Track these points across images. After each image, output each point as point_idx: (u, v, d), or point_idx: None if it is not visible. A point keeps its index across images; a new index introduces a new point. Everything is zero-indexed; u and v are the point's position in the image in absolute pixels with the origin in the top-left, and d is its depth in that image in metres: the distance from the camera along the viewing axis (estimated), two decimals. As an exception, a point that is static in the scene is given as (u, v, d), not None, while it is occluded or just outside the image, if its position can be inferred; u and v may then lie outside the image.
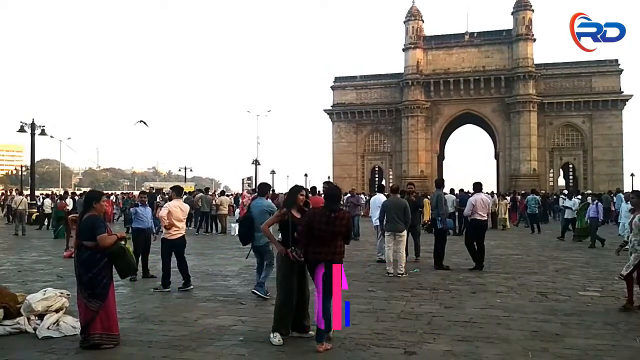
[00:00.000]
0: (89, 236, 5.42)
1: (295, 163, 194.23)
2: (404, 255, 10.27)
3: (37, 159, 28.33)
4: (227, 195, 25.34)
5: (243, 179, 53.91)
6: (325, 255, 5.40)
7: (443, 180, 12.54)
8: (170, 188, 10.29)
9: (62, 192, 29.06)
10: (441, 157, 59.89)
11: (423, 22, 54.49)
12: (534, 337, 5.86)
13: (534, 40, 50.53)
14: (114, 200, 32.27)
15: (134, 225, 10.02)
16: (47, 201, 24.11)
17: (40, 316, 6.11)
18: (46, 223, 22.67)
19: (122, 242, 5.57)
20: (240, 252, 12.97)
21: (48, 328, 5.89)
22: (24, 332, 5.91)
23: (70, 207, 19.63)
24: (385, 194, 13.34)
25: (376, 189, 14.46)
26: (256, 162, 52.03)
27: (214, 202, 20.81)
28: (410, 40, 53.36)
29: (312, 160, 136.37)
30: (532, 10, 50.80)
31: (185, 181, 66.97)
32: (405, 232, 10.23)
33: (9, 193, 35.49)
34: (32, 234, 20.33)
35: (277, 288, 5.86)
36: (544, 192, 37.15)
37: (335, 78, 59.85)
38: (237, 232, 19.37)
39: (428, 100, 53.80)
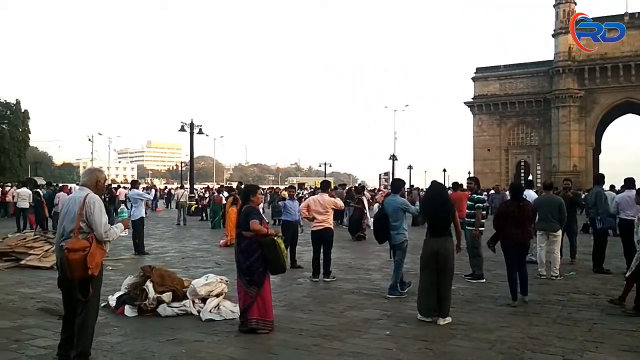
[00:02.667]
0: (246, 226, 5.80)
1: (433, 158, 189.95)
2: (559, 256, 9.55)
3: (194, 155, 30.95)
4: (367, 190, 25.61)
5: (380, 175, 54.06)
6: (518, 236, 7.28)
7: (603, 176, 11.41)
8: (320, 183, 10.65)
9: (217, 187, 31.53)
10: (597, 150, 54.68)
11: (575, 4, 50.14)
12: None
13: None
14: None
15: (283, 218, 10.56)
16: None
17: (203, 300, 6.66)
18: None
19: (275, 238, 5.82)
20: (381, 247, 13.02)
21: (210, 311, 6.40)
22: (189, 314, 6.47)
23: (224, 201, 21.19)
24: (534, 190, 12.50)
25: (524, 185, 13.62)
26: (393, 158, 51.86)
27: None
28: (560, 25, 49.43)
29: (450, 155, 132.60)
30: None
31: (325, 176, 68.87)
32: (560, 232, 9.51)
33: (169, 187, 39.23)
34: (192, 224, 22.31)
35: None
36: None
37: (477, 69, 57.52)
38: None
39: (582, 88, 49.48)
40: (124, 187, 25.95)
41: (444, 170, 60.70)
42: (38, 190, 18.60)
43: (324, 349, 5.21)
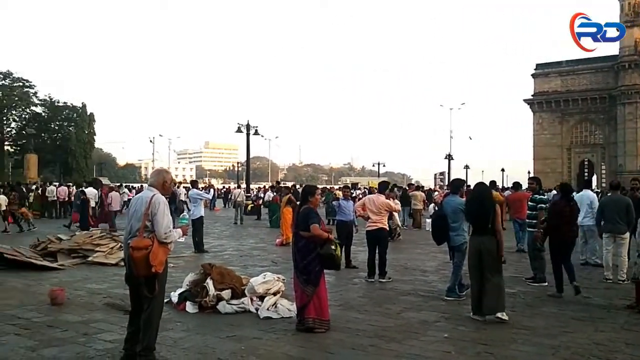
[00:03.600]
0: (305, 227, 5.86)
1: (491, 157, 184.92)
2: (626, 259, 9.11)
3: (250, 156, 31.48)
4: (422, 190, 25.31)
5: (435, 174, 53.33)
6: (569, 234, 7.82)
7: (674, 175, 10.80)
8: (379, 184, 10.61)
9: (269, 186, 31.96)
10: (669, 149, 51.73)
11: (642, -5, 47.70)
12: None
13: None
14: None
15: (338, 218, 10.59)
16: (269, 194, 26.55)
17: (261, 298, 6.77)
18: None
19: (333, 248, 5.83)
20: (437, 248, 12.83)
21: (268, 309, 6.50)
22: (248, 312, 6.60)
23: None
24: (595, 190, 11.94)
25: (583, 185, 13.07)
26: (449, 157, 50.94)
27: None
28: (626, 18, 47.07)
29: (509, 154, 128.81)
30: None
31: (378, 176, 68.63)
32: (627, 234, 9.07)
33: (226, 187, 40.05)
34: (249, 223, 22.72)
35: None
36: None
37: (537, 65, 55.65)
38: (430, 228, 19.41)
39: (650, 83, 46.90)
40: (184, 187, 26.71)
41: (502, 170, 59.11)
42: (84, 189, 19.38)
43: (381, 349, 5.19)
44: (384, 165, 70.01)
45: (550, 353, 5.12)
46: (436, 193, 25.66)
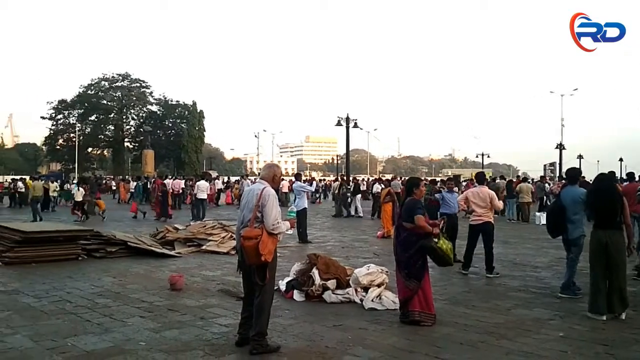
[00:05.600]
0: (408, 218, 5.82)
1: (606, 146, 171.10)
2: None
3: (349, 148, 31.66)
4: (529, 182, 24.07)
5: (545, 165, 50.49)
6: None
7: None
8: (475, 175, 10.31)
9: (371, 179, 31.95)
10: None
11: None
12: None
13: None
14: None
15: (442, 211, 10.36)
16: (377, 186, 26.57)
17: (365, 289, 6.83)
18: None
19: (436, 240, 5.75)
20: (549, 243, 12.18)
21: (372, 300, 6.55)
22: (352, 302, 6.69)
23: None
24: None
25: None
26: (560, 146, 47.91)
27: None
28: None
29: (628, 142, 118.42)
30: None
31: (482, 167, 66.14)
32: None
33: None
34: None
35: None
36: None
37: (662, 45, 50.48)
38: (541, 222, 18.38)
39: None
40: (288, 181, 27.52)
41: (621, 160, 54.66)
42: (164, 182, 20.70)
43: (490, 346, 5.04)
44: (488, 156, 67.25)
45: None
46: (551, 184, 24.23)
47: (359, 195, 23.71)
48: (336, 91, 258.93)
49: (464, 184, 27.75)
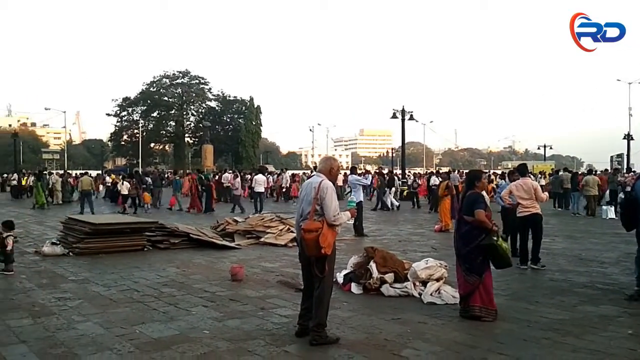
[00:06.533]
0: (469, 212, 5.72)
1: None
2: None
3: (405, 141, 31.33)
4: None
5: (612, 157, 48.11)
6: None
7: None
8: (517, 166, 10.04)
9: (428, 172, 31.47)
10: None
11: None
12: None
13: None
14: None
15: (503, 204, 10.08)
16: (434, 179, 26.12)
17: (424, 283, 6.77)
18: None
19: (495, 238, 5.61)
20: (618, 238, 11.67)
21: (431, 294, 6.48)
22: (410, 296, 6.64)
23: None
24: None
25: None
26: (628, 137, 45.46)
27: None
28: None
29: None
30: None
31: (544, 159, 63.89)
32: None
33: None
34: (405, 208, 22.71)
35: None
36: None
37: None
38: (608, 215, 17.58)
39: None
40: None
41: (697, 150, 51.17)
42: (206, 175, 21.15)
43: (556, 343, 4.89)
44: (550, 148, 64.90)
45: None
46: (626, 176, 23.05)
47: (393, 189, 23.59)
48: (391, 84, 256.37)
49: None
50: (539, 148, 67.21)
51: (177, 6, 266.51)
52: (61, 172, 34.90)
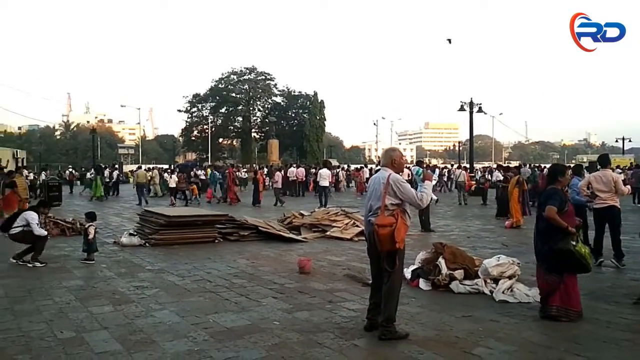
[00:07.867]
0: (545, 207, 5.50)
1: None
2: None
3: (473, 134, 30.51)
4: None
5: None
6: None
7: None
8: (599, 157, 9.52)
9: (494, 166, 30.55)
10: None
11: None
12: None
13: None
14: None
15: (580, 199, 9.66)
16: (496, 174, 25.27)
17: (495, 280, 6.59)
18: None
19: (573, 243, 5.31)
20: None
21: (503, 292, 6.30)
22: (481, 293, 6.49)
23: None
24: None
25: None
26: None
27: None
28: None
29: None
30: None
31: (623, 153, 60.37)
32: None
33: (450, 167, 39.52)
34: (473, 203, 22.12)
35: None
36: None
37: None
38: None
39: None
40: (406, 167, 27.20)
41: None
42: (290, 169, 21.41)
43: (637, 345, 4.66)
44: (629, 141, 61.12)
45: None
46: None
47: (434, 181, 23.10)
48: (458, 76, 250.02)
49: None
50: (617, 141, 63.44)
51: (245, 5, 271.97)
52: (146, 166, 36.40)
